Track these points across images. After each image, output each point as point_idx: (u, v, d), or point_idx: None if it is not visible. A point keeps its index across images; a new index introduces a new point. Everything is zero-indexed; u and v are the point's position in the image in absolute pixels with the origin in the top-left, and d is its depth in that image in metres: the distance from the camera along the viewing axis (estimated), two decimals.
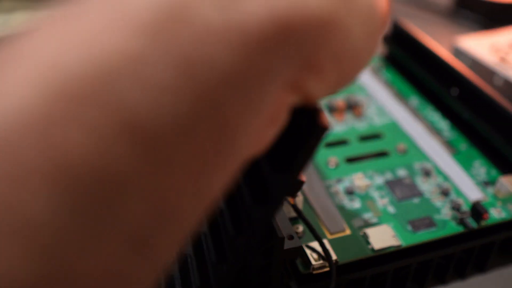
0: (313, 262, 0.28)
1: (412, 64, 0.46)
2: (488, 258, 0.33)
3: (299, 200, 0.31)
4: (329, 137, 0.39)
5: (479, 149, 0.38)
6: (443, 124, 0.41)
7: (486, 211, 0.32)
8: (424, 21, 0.67)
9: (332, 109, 0.42)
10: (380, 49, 0.52)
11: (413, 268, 0.31)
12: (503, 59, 0.48)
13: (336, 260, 0.29)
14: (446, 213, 0.33)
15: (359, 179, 0.35)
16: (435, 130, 0.40)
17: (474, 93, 0.39)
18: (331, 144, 0.39)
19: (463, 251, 0.32)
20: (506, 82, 0.46)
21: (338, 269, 0.29)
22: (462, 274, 0.34)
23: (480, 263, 0.34)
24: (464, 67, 0.42)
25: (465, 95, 0.40)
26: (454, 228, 0.32)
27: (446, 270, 0.33)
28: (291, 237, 0.27)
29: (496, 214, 0.33)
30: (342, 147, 0.38)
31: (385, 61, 0.50)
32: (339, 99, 0.42)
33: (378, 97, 0.44)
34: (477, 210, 0.32)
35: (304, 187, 0.33)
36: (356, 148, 0.38)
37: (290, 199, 0.30)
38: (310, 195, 0.33)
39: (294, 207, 0.29)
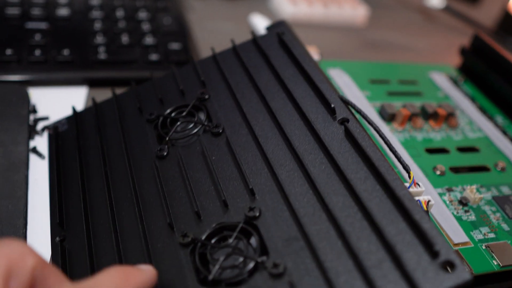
0: None
1: (494, 80, 0.46)
2: None
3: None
4: (430, 143, 0.38)
5: None
6: None
7: None
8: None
9: (431, 115, 0.40)
10: (455, 60, 0.52)
11: None
12: None
13: (472, 272, 0.28)
14: None
15: (471, 191, 0.34)
16: None
17: None
18: (432, 151, 0.38)
19: None
20: None
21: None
22: None
23: None
24: None
25: None
26: None
27: None
28: None
29: None
30: (443, 155, 0.37)
31: (462, 73, 0.49)
32: (441, 106, 0.41)
33: (465, 109, 0.44)
34: None
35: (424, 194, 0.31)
36: (456, 159, 0.38)
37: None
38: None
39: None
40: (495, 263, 0.29)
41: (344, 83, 0.43)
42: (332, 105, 0.30)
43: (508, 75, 0.45)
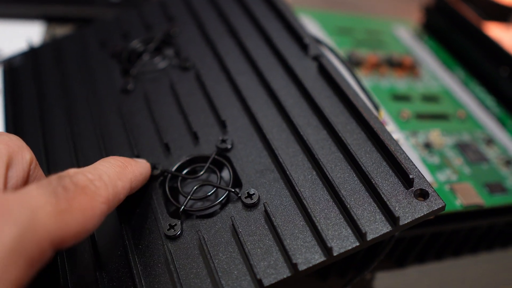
0: None
1: (456, 38, 0.47)
2: None
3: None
4: (395, 90, 0.39)
5: None
6: (490, 100, 0.42)
7: None
8: None
9: (397, 64, 0.41)
10: (417, 16, 0.52)
11: (497, 228, 0.32)
12: None
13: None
14: None
15: (435, 136, 0.34)
16: (483, 105, 0.41)
17: None
18: (398, 98, 0.38)
19: None
20: None
21: (430, 220, 0.29)
22: None
23: None
24: None
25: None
26: None
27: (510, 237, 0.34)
28: None
29: None
30: (407, 103, 0.38)
31: (424, 30, 0.50)
32: (405, 56, 0.42)
33: (427, 62, 0.44)
34: None
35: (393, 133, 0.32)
36: (419, 106, 0.38)
37: None
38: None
39: None
40: (459, 203, 0.30)
41: (313, 29, 0.42)
42: (306, 42, 0.29)
43: (469, 32, 0.46)
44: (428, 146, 0.34)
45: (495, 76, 0.43)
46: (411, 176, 0.23)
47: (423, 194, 0.23)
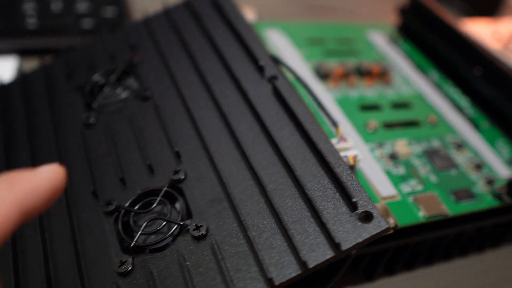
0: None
1: (430, 39, 0.46)
2: None
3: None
4: (364, 100, 0.39)
5: (501, 129, 0.40)
6: (464, 101, 0.42)
7: None
8: None
9: (365, 73, 0.41)
10: (394, 19, 0.52)
11: (467, 235, 0.32)
12: (506, 47, 0.50)
13: (396, 224, 0.28)
14: (482, 187, 0.34)
15: (402, 146, 0.34)
16: (456, 106, 0.41)
17: (500, 73, 0.40)
18: (366, 108, 0.38)
19: (498, 224, 0.34)
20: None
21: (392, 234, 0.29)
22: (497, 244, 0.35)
23: None
24: (490, 47, 0.43)
25: (490, 75, 0.41)
26: (491, 202, 0.33)
27: (484, 242, 0.34)
28: None
29: None
30: (376, 112, 0.38)
31: (400, 32, 0.50)
32: (374, 64, 0.42)
33: (400, 67, 0.44)
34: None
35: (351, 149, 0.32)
36: (389, 115, 0.38)
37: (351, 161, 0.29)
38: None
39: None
40: (421, 215, 0.30)
41: (281, 43, 0.42)
42: (261, 64, 0.30)
43: (443, 32, 0.45)
44: (393, 157, 0.34)
45: (469, 76, 0.43)
46: (354, 200, 0.23)
47: (367, 217, 0.23)
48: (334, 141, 0.30)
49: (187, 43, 0.33)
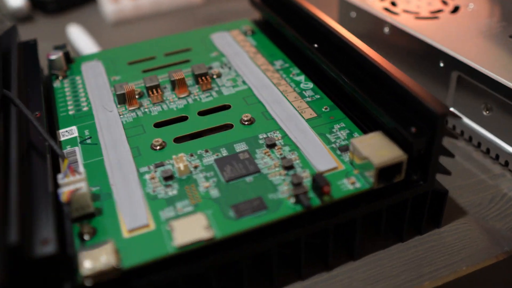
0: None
1: (281, 25, 0.40)
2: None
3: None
4: (167, 114, 0.33)
5: (344, 111, 0.32)
6: (307, 86, 0.35)
7: (326, 183, 0.25)
8: None
9: (176, 85, 0.35)
10: (254, 14, 0.46)
11: (245, 262, 0.25)
12: (387, 8, 0.43)
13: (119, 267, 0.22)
14: (283, 190, 0.26)
15: (180, 161, 0.28)
16: (297, 93, 0.34)
17: (337, 47, 0.33)
18: (167, 123, 0.32)
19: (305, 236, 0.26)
20: (393, 28, 0.40)
21: (124, 276, 0.23)
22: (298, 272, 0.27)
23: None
24: (331, 20, 0.35)
25: (327, 49, 0.34)
26: (290, 209, 0.25)
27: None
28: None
29: (349, 185, 0.27)
30: (178, 125, 0.32)
31: (256, 27, 0.44)
32: (200, 72, 0.36)
33: (236, 64, 0.38)
34: (317, 183, 0.26)
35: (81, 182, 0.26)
36: (195, 125, 0.32)
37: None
38: (114, 188, 0.27)
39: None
40: (174, 244, 0.24)
41: (93, 73, 0.38)
42: None
43: (289, 17, 0.39)
44: (167, 176, 0.28)
45: (310, 54, 0.36)
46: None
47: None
48: (60, 175, 0.25)
49: None
